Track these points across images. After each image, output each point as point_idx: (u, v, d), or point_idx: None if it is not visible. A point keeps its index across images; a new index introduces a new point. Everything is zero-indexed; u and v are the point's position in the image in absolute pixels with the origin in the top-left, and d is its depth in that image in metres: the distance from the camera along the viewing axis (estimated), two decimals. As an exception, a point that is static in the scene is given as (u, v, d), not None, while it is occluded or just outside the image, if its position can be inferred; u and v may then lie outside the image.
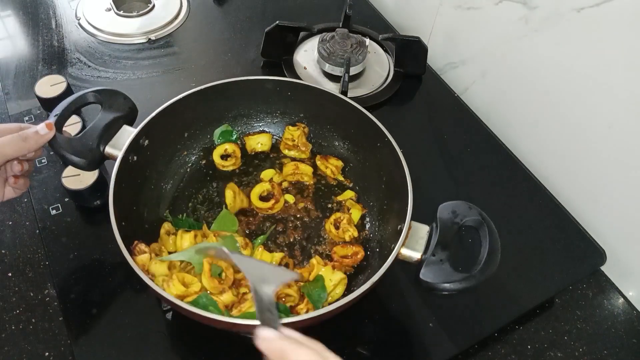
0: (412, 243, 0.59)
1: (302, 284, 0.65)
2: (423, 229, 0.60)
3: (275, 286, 0.46)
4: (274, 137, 0.83)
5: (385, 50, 1.03)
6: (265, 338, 0.40)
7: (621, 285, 0.76)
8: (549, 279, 0.73)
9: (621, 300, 0.75)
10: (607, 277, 0.77)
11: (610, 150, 0.74)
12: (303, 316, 0.51)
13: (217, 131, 0.80)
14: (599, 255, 0.76)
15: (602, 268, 0.77)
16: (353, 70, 0.94)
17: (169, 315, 0.65)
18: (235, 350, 0.64)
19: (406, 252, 0.58)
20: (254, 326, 0.53)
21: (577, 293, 0.75)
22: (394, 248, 0.58)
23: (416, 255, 0.58)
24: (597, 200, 0.79)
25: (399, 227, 0.61)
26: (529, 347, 0.68)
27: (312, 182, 0.78)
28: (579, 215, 0.80)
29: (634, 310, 0.74)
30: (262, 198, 0.75)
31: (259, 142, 0.81)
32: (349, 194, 0.77)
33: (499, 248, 0.58)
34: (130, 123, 0.69)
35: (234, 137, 0.81)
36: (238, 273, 0.62)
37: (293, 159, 0.80)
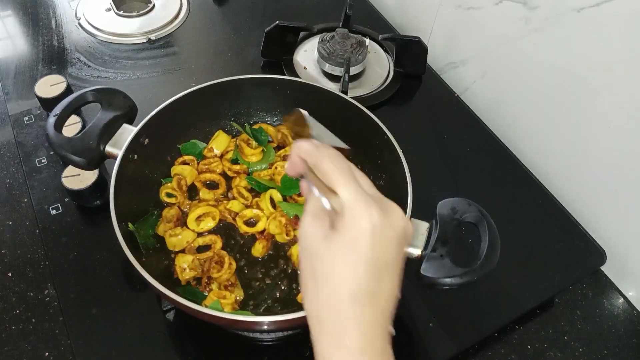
0: (412, 239, 0.59)
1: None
2: (423, 226, 0.60)
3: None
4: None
5: (385, 50, 1.03)
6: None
7: (621, 285, 0.76)
8: (549, 279, 0.73)
9: (621, 300, 0.75)
10: (607, 277, 0.77)
11: (610, 151, 0.74)
12: (300, 313, 0.51)
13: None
14: (599, 255, 0.76)
15: (602, 268, 0.77)
16: (353, 70, 0.94)
17: (169, 315, 0.65)
18: (235, 350, 0.64)
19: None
20: (255, 323, 0.54)
21: (577, 293, 0.75)
22: (394, 245, 0.58)
23: (416, 251, 0.58)
24: (597, 200, 0.79)
25: (399, 224, 0.61)
26: (529, 347, 0.68)
27: None
28: (579, 215, 0.80)
29: (634, 310, 0.74)
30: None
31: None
32: None
33: (499, 243, 0.57)
34: (130, 122, 0.69)
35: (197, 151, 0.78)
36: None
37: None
